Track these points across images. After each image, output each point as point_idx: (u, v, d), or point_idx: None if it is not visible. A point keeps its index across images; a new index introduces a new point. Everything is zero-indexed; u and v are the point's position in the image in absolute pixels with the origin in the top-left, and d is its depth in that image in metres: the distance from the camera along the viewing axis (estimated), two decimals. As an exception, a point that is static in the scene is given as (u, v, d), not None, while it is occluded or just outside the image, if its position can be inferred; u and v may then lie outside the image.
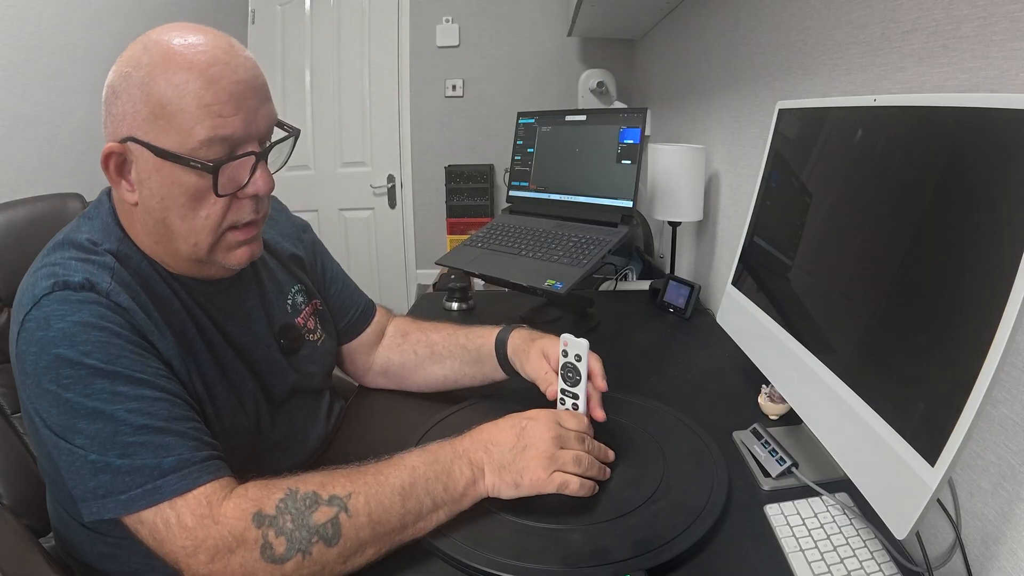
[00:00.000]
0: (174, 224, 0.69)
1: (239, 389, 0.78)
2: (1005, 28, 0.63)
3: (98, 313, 0.63)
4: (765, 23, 1.30)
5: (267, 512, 0.60)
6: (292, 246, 0.95)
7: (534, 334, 0.93)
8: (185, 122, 0.64)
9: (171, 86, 0.63)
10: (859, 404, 0.63)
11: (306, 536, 0.60)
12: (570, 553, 0.65)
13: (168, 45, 0.64)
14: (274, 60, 3.01)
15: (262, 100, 0.69)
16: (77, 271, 0.65)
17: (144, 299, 0.68)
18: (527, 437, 0.71)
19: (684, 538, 0.67)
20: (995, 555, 0.63)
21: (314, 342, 0.92)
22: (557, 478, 0.70)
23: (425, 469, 0.67)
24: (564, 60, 3.03)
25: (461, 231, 2.96)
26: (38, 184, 1.69)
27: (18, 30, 1.65)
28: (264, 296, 0.86)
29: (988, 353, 0.47)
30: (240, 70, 0.66)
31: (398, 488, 0.65)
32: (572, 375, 0.80)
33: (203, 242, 0.70)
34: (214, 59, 0.64)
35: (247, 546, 0.58)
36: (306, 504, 0.61)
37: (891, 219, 0.65)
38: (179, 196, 0.67)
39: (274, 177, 0.72)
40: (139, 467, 0.59)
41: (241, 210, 0.70)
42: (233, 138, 0.66)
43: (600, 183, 1.42)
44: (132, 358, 0.63)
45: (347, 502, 0.62)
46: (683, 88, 2.01)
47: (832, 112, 0.80)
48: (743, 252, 1.00)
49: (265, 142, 0.70)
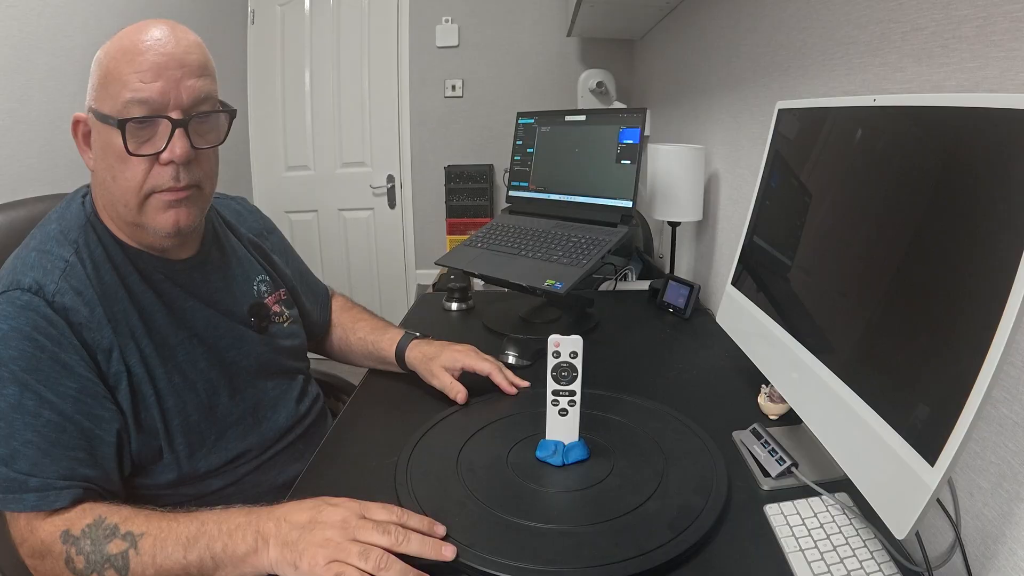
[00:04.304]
0: (110, 185, 0.77)
1: (188, 368, 0.84)
2: (1005, 28, 0.63)
3: (33, 323, 0.71)
4: (765, 23, 1.30)
5: (73, 533, 0.67)
6: (259, 240, 1.05)
7: (429, 351, 1.04)
8: (115, 87, 0.73)
9: (110, 58, 0.74)
10: (859, 404, 0.63)
11: (100, 561, 0.66)
12: (570, 553, 0.65)
13: (124, 31, 0.75)
14: (274, 60, 3.01)
15: (188, 74, 0.75)
16: (31, 271, 0.74)
17: (91, 294, 0.76)
18: (319, 519, 0.65)
19: (684, 538, 0.67)
20: (995, 555, 0.63)
21: (281, 324, 1.01)
22: (334, 568, 0.61)
23: (212, 526, 0.66)
24: (564, 60, 3.03)
25: (461, 231, 2.96)
26: (38, 184, 1.69)
27: (18, 30, 1.65)
28: (230, 277, 0.94)
29: (988, 353, 0.47)
30: (169, 45, 0.74)
31: (183, 539, 0.66)
32: (566, 374, 0.80)
33: (131, 202, 0.77)
34: (148, 36, 0.74)
35: (54, 556, 0.67)
36: (105, 534, 0.67)
37: (891, 219, 0.65)
38: (110, 156, 0.76)
39: (274, 177, 0.74)
40: (13, 478, 0.68)
41: (161, 175, 0.76)
42: (150, 102, 0.73)
43: (600, 183, 1.42)
44: (48, 374, 0.71)
45: (138, 541, 0.66)
46: (683, 88, 2.01)
47: (832, 112, 0.80)
48: (743, 252, 1.00)
49: (189, 114, 0.76)
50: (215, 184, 0.86)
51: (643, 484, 0.76)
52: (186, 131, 0.76)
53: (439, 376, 1.00)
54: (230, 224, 1.02)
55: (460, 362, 1.01)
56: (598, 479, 0.78)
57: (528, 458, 0.82)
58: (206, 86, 0.78)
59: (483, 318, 1.41)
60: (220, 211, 1.02)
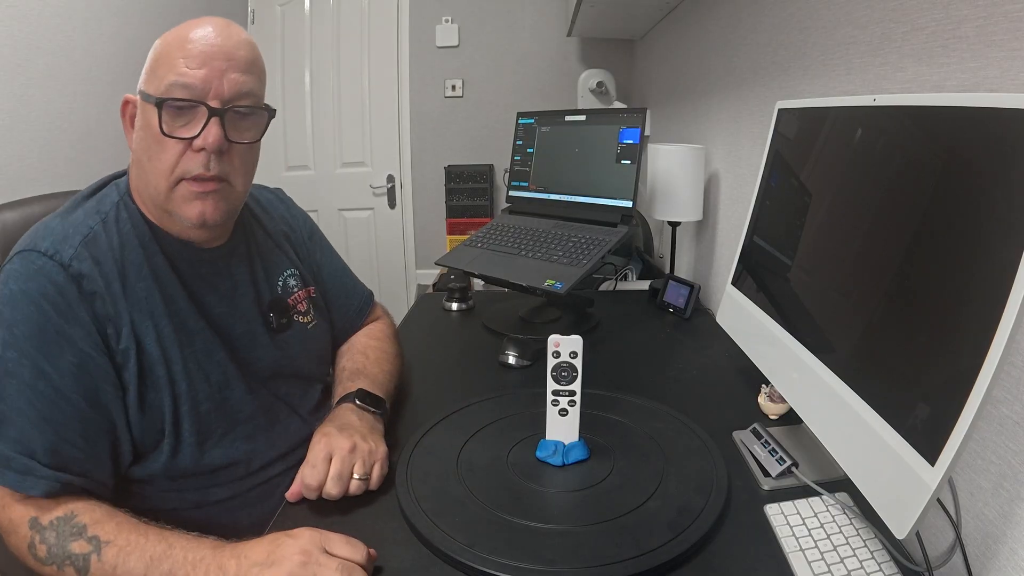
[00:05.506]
0: (145, 166, 0.78)
1: (204, 357, 0.82)
2: (1005, 28, 0.63)
3: (43, 289, 0.71)
4: (765, 23, 1.30)
5: (41, 521, 0.68)
6: (291, 232, 1.02)
7: (328, 427, 0.82)
8: (163, 70, 0.75)
9: (165, 44, 0.77)
10: (859, 404, 0.63)
11: (61, 556, 0.66)
12: (569, 553, 0.65)
13: (185, 23, 0.78)
14: (274, 60, 3.01)
15: (233, 67, 0.77)
16: (52, 234, 0.75)
17: (111, 266, 0.76)
18: (277, 554, 0.62)
19: (684, 538, 0.67)
20: (995, 555, 0.63)
21: (304, 324, 0.97)
22: None
23: (179, 552, 0.65)
24: (564, 60, 3.03)
25: (461, 231, 2.96)
26: (38, 184, 1.68)
27: (18, 30, 1.65)
28: (254, 272, 0.91)
29: (988, 352, 0.47)
30: (220, 38, 0.76)
31: (147, 557, 0.65)
32: (566, 374, 0.80)
33: (161, 186, 0.77)
34: (203, 28, 0.76)
35: (19, 536, 0.68)
36: (71, 531, 0.67)
37: (891, 219, 0.65)
38: (148, 136, 0.77)
39: (273, 177, 0.74)
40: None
41: (192, 161, 0.77)
42: (192, 87, 0.74)
43: (600, 183, 1.42)
44: (50, 345, 0.70)
45: (103, 547, 0.66)
46: (683, 88, 2.01)
47: (832, 112, 0.80)
48: (743, 252, 1.00)
49: (228, 104, 0.77)
50: (248, 182, 0.85)
51: (643, 484, 0.76)
52: (222, 121, 0.76)
53: (313, 446, 0.80)
54: (260, 216, 0.99)
55: (312, 454, 0.79)
56: (598, 479, 0.78)
57: (528, 458, 0.82)
58: (249, 82, 0.79)
59: (483, 318, 1.41)
60: (252, 201, 0.98)
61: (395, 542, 0.69)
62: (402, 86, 3.05)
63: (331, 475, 0.75)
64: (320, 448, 0.77)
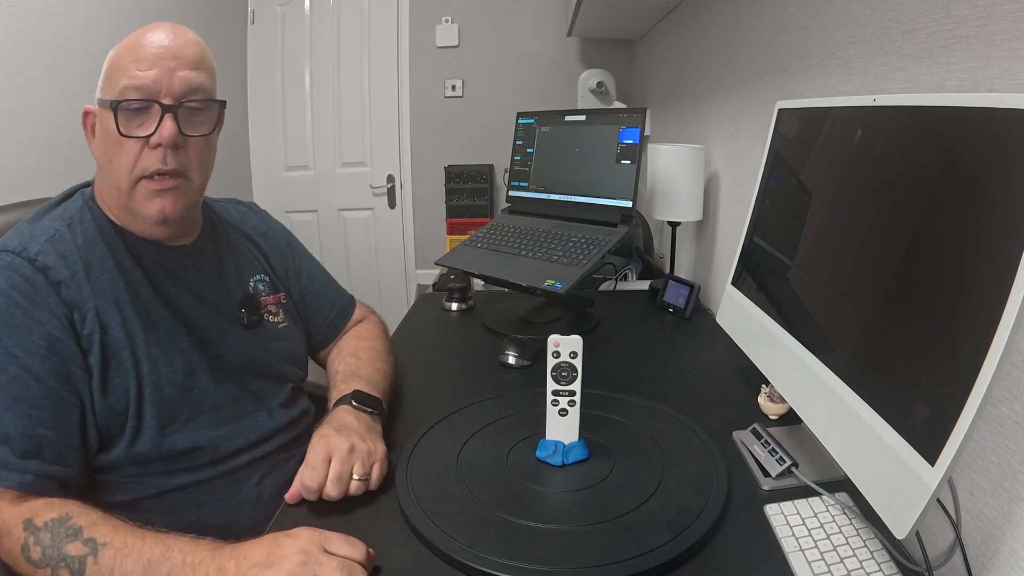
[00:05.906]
0: (107, 168, 0.82)
1: (168, 345, 0.84)
2: (1005, 28, 0.63)
3: (11, 280, 0.75)
4: (765, 23, 1.30)
5: (36, 523, 0.67)
6: (264, 241, 1.06)
7: (325, 428, 0.82)
8: (115, 76, 0.80)
9: (116, 53, 0.81)
10: (859, 404, 0.63)
11: (56, 558, 0.65)
12: (569, 553, 0.65)
13: (134, 32, 0.81)
14: (274, 60, 3.00)
15: (182, 65, 0.80)
16: (19, 236, 0.79)
17: (75, 259, 0.79)
18: (276, 554, 0.62)
19: (684, 538, 0.67)
20: (995, 555, 0.63)
21: (275, 324, 1.00)
22: None
23: (177, 554, 0.65)
24: (564, 60, 3.03)
25: (461, 231, 2.96)
26: (38, 184, 1.69)
27: (18, 30, 1.65)
28: (223, 269, 0.95)
29: (988, 352, 0.47)
30: (167, 40, 0.80)
31: (145, 560, 0.64)
32: (566, 374, 0.80)
33: (123, 185, 0.81)
34: (151, 33, 0.80)
35: (12, 539, 0.67)
36: (67, 532, 0.66)
37: (891, 219, 0.65)
38: (107, 140, 0.81)
39: (273, 177, 0.75)
40: None
41: (150, 158, 0.80)
42: (144, 88, 0.78)
43: (600, 183, 1.42)
44: (19, 330, 0.73)
45: (99, 550, 0.65)
46: (683, 88, 2.01)
47: (832, 112, 0.80)
48: (743, 252, 1.00)
49: (180, 101, 0.80)
50: (206, 176, 0.88)
51: (643, 484, 0.76)
52: (175, 116, 0.80)
53: (311, 448, 0.79)
54: (232, 222, 1.03)
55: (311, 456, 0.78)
56: (598, 479, 0.78)
57: (528, 458, 0.82)
58: (199, 78, 0.82)
59: (483, 318, 1.41)
60: (224, 211, 1.02)
61: (395, 542, 0.69)
62: (402, 86, 3.05)
63: (330, 477, 0.74)
64: (319, 450, 0.77)
